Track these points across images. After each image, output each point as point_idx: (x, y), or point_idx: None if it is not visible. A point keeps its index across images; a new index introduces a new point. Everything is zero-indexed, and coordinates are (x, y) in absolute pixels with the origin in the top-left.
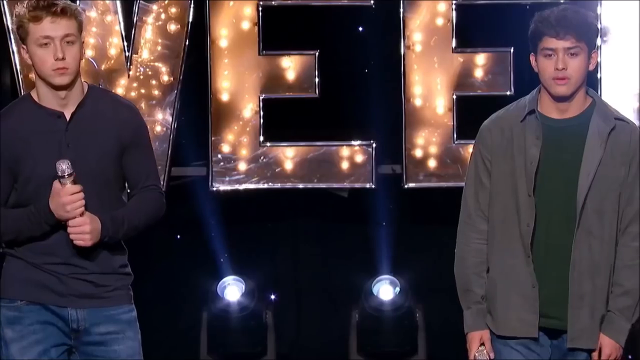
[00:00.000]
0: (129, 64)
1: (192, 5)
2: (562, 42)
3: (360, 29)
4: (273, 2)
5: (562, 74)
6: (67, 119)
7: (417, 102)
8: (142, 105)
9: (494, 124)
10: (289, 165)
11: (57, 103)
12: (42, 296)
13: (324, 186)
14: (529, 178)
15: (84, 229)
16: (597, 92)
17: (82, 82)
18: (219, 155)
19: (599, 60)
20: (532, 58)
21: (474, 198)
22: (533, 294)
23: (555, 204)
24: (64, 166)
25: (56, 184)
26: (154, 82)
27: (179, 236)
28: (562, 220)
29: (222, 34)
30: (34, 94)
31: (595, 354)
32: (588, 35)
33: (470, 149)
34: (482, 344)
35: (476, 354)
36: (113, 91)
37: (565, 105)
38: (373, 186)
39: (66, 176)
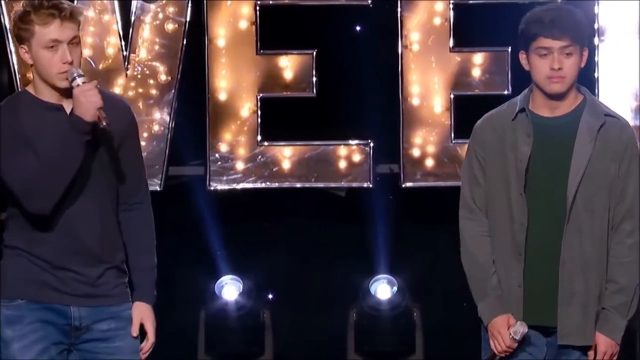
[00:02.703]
0: (126, 63)
1: (189, 5)
2: (558, 42)
3: (358, 28)
4: (270, 2)
5: (558, 73)
6: (67, 112)
7: (415, 101)
8: (140, 104)
9: (487, 123)
10: (286, 165)
11: (55, 97)
12: (43, 295)
13: (321, 185)
14: (520, 176)
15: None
16: (595, 92)
17: None
18: (217, 155)
19: (596, 59)
20: (521, 56)
21: (470, 195)
22: (518, 293)
23: (546, 202)
24: (73, 71)
25: (74, 90)
26: (151, 81)
27: (175, 235)
28: (553, 218)
29: (220, 34)
30: (30, 89)
31: (591, 352)
32: (581, 34)
33: None
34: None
35: (513, 329)
36: (111, 90)
37: (556, 103)
38: (370, 185)
39: (77, 77)
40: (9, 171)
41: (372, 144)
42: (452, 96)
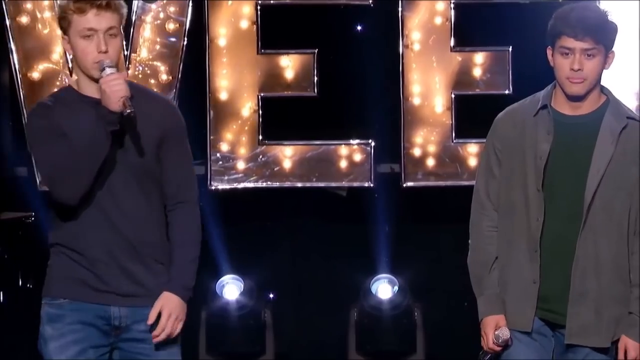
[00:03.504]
0: (127, 63)
1: (190, 4)
2: (580, 43)
3: (359, 28)
4: (272, 1)
5: (577, 74)
6: None
7: (416, 101)
8: None
9: (508, 116)
10: (287, 164)
11: (96, 91)
12: (85, 294)
13: (322, 185)
14: (538, 172)
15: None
16: None
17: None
18: (218, 154)
19: None
20: (549, 52)
21: (485, 188)
22: (533, 290)
23: (563, 200)
24: (104, 63)
25: (100, 81)
26: (152, 81)
27: None
28: (569, 217)
29: (221, 33)
30: (74, 84)
31: (620, 356)
32: (606, 36)
33: (469, 147)
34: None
35: (496, 333)
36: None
37: (578, 102)
38: (372, 185)
39: (106, 67)
40: (41, 160)
41: (373, 144)
42: (453, 96)
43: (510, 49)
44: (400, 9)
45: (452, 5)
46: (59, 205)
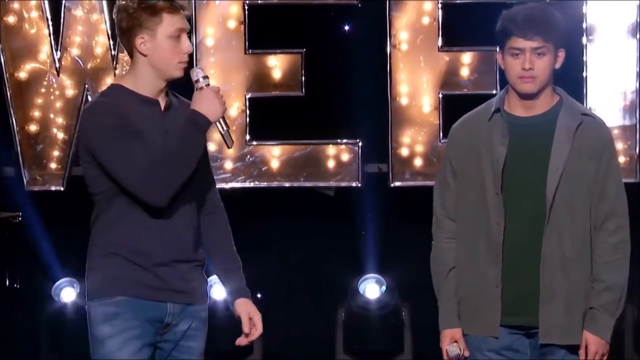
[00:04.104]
0: (115, 62)
1: None
2: (530, 42)
3: (347, 27)
4: (259, 1)
5: (528, 73)
6: (162, 107)
7: (403, 100)
8: None
9: (463, 125)
10: (275, 164)
11: (154, 91)
12: (142, 291)
13: (310, 185)
14: (496, 176)
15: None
16: (584, 91)
17: None
18: None
19: (585, 59)
20: (499, 56)
21: (440, 200)
22: (496, 294)
23: (524, 201)
24: (199, 71)
25: (203, 90)
26: None
27: None
28: (532, 217)
29: (208, 33)
30: (126, 83)
31: (581, 352)
32: (555, 35)
33: None
34: (455, 342)
35: (447, 348)
36: (99, 90)
37: (531, 103)
38: (359, 185)
39: (202, 79)
40: (124, 162)
41: (360, 144)
42: (440, 95)
43: (498, 49)
44: (387, 8)
45: (439, 5)
46: (145, 205)
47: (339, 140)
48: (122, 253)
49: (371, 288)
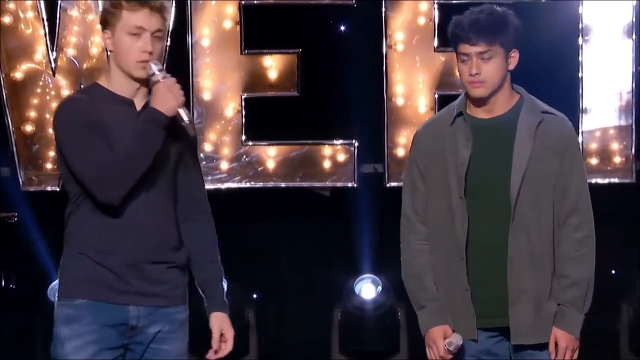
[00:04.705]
0: (108, 62)
1: (173, 5)
2: (474, 47)
3: (343, 28)
4: (255, 1)
5: (476, 78)
6: (137, 108)
7: (399, 101)
8: None
9: (427, 129)
10: (271, 165)
11: (128, 91)
12: (103, 294)
13: (306, 185)
14: (460, 180)
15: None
16: (579, 91)
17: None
18: (201, 155)
19: (580, 59)
20: (458, 61)
21: (410, 203)
22: (467, 297)
23: (489, 203)
24: (153, 65)
25: (157, 84)
26: None
27: None
28: (497, 218)
29: (204, 33)
30: (103, 82)
31: (551, 348)
32: (502, 37)
33: None
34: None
35: (448, 340)
36: None
37: (489, 105)
38: (355, 185)
39: (157, 72)
40: (82, 157)
41: (356, 144)
42: (436, 96)
43: None
44: (383, 9)
45: (435, 6)
46: (101, 206)
47: (334, 141)
48: (89, 254)
49: (367, 288)
